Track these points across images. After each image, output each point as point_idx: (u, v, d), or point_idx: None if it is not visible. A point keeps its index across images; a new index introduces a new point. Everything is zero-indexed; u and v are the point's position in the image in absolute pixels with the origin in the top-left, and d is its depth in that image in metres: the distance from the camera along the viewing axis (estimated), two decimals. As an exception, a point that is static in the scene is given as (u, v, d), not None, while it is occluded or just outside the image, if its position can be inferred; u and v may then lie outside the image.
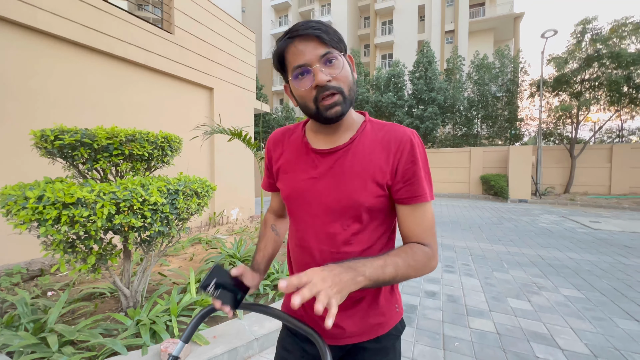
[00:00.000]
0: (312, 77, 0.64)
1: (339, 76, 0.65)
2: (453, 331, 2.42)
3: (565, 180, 12.28)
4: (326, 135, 0.75)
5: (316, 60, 0.64)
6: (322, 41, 0.64)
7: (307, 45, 0.64)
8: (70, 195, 1.61)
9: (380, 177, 0.69)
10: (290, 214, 0.81)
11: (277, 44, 0.68)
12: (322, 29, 0.64)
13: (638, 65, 10.47)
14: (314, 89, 0.65)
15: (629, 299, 3.02)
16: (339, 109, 0.66)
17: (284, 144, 0.83)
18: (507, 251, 4.76)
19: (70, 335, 1.84)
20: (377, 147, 0.71)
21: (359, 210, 0.70)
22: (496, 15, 22.98)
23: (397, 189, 0.70)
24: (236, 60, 6.70)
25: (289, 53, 0.66)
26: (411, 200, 0.70)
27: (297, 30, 0.64)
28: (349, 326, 0.76)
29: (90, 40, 3.92)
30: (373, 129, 0.74)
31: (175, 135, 2.56)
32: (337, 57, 0.65)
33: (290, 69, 0.66)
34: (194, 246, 4.35)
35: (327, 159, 0.73)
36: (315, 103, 0.66)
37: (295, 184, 0.76)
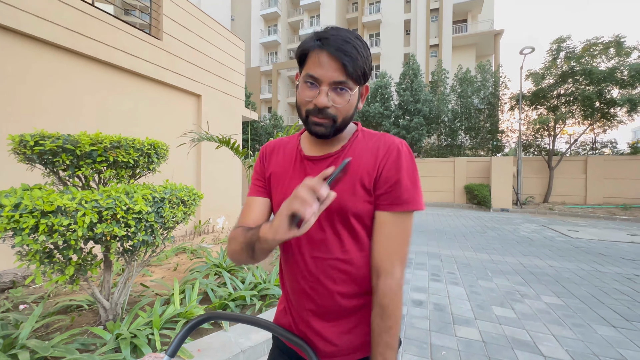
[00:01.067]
0: (317, 93, 0.65)
1: (339, 107, 0.66)
2: (440, 340, 2.43)
3: (544, 190, 12.75)
4: (319, 144, 0.76)
5: (328, 83, 0.64)
6: (344, 70, 0.64)
7: (330, 65, 0.63)
8: (49, 203, 1.55)
9: (367, 182, 0.69)
10: None
11: (308, 40, 0.67)
12: (352, 57, 0.63)
13: (608, 82, 11.12)
14: (312, 104, 0.66)
15: (605, 306, 3.13)
16: (322, 131, 0.68)
17: (279, 152, 0.84)
18: (490, 259, 4.87)
19: (43, 351, 1.74)
20: (367, 154, 0.72)
21: (348, 215, 0.69)
22: (478, 31, 24.01)
23: (379, 194, 0.69)
24: (225, 67, 6.69)
25: (311, 57, 0.66)
26: (392, 207, 0.68)
27: (329, 44, 0.63)
28: (345, 343, 0.74)
29: (75, 44, 3.84)
30: (364, 138, 0.76)
31: (162, 142, 2.52)
32: (348, 91, 0.66)
33: (305, 70, 0.67)
34: (178, 256, 4.23)
35: (319, 166, 0.74)
36: (307, 114, 0.68)
37: (287, 190, 0.75)
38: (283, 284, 0.84)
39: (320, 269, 0.72)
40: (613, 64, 11.35)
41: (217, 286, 2.89)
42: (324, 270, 0.72)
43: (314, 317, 0.75)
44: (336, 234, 0.71)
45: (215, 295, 2.73)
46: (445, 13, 23.01)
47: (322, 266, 0.72)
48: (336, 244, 0.71)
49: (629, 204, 11.19)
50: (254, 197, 0.82)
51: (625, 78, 10.95)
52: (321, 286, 0.72)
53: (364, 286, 0.74)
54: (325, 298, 0.73)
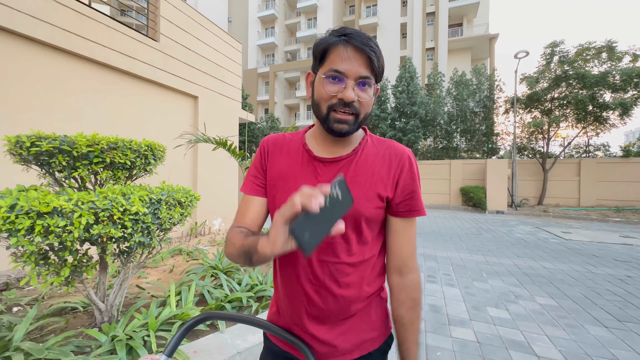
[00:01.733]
0: (342, 88, 0.65)
1: (363, 102, 0.67)
2: (435, 341, 2.45)
3: (539, 193, 12.89)
4: (329, 146, 0.75)
5: (354, 77, 0.64)
6: (370, 64, 0.65)
7: (356, 59, 0.64)
8: (45, 204, 1.55)
9: (381, 189, 0.71)
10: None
11: (328, 36, 0.67)
12: (376, 54, 0.65)
13: (601, 86, 11.31)
14: (337, 99, 0.65)
15: (598, 306, 3.17)
16: (346, 128, 0.68)
17: (283, 149, 0.80)
18: (486, 261, 4.91)
19: (38, 353, 1.72)
20: (379, 161, 0.73)
21: (360, 220, 0.70)
22: (473, 35, 24.27)
23: (397, 202, 0.73)
24: (222, 69, 6.70)
25: (335, 52, 0.65)
26: (410, 214, 0.73)
27: (355, 38, 0.64)
28: (341, 344, 0.75)
29: (71, 45, 3.83)
30: (374, 143, 0.77)
31: (159, 144, 2.52)
32: (372, 86, 0.67)
33: (328, 66, 0.66)
34: (174, 257, 4.21)
35: (330, 168, 0.73)
36: (328, 109, 0.67)
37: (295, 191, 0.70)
38: (277, 287, 0.82)
39: (326, 272, 0.72)
40: (605, 68, 11.55)
41: (214, 288, 2.88)
42: (330, 274, 0.72)
43: (312, 320, 0.74)
44: (345, 237, 0.71)
45: (211, 297, 2.73)
46: (441, 17, 23.25)
47: (329, 270, 0.72)
48: (344, 247, 0.72)
49: (622, 206, 11.35)
50: (251, 196, 0.79)
51: (617, 82, 11.14)
52: (326, 290, 0.72)
53: (367, 290, 0.75)
54: (329, 302, 0.73)
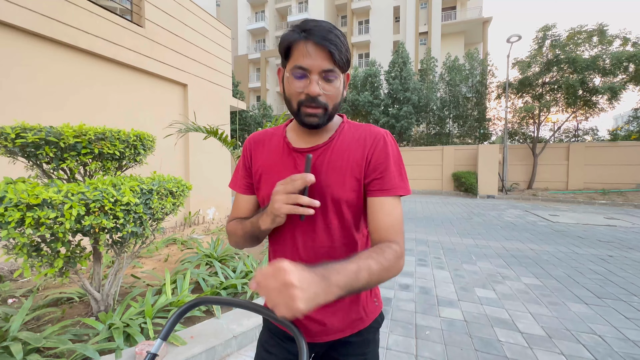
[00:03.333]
0: (307, 83, 0.67)
1: (330, 94, 0.69)
2: (425, 321, 2.55)
3: (529, 177, 13.13)
4: (307, 136, 0.78)
5: (317, 72, 0.66)
6: (332, 57, 0.66)
7: (317, 54, 0.65)
8: (35, 196, 1.54)
9: (357, 172, 0.73)
10: None
11: (290, 33, 0.68)
12: (337, 46, 0.66)
13: (591, 70, 11.38)
14: (304, 95, 0.67)
15: (580, 285, 3.32)
16: (316, 121, 0.70)
17: (265, 145, 0.83)
18: (475, 244, 5.05)
19: (36, 342, 1.76)
20: (354, 144, 0.75)
21: (340, 204, 0.73)
22: (466, 19, 23.96)
23: (369, 181, 0.73)
24: (211, 56, 6.55)
25: (297, 48, 0.67)
26: (381, 193, 0.71)
27: (314, 34, 0.65)
28: (332, 323, 0.78)
29: (52, 32, 3.69)
30: (350, 129, 0.78)
31: (148, 134, 2.49)
32: (337, 78, 0.68)
33: (292, 64, 0.67)
34: (169, 247, 4.23)
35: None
36: (298, 105, 0.69)
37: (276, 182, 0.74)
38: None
39: (311, 256, 0.75)
40: (596, 52, 11.60)
41: (209, 276, 2.93)
42: (316, 258, 0.75)
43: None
44: (327, 222, 0.74)
45: (206, 285, 2.78)
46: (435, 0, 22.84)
47: (315, 255, 0.75)
48: (327, 232, 0.74)
49: (608, 189, 11.65)
50: (241, 195, 0.87)
51: (607, 66, 11.22)
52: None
53: None
54: None
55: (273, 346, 0.84)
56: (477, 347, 2.17)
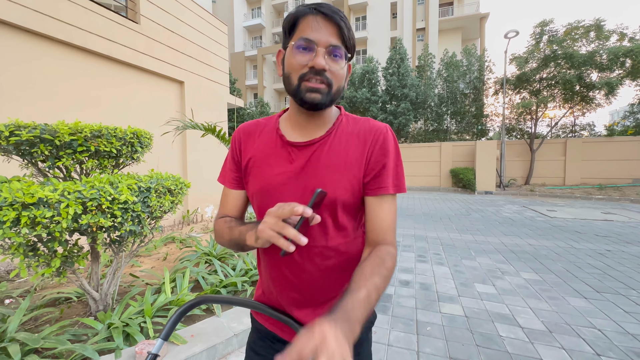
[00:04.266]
0: (313, 56, 0.63)
1: (335, 73, 0.65)
2: (425, 317, 2.55)
3: (526, 173, 13.18)
4: (302, 128, 0.73)
5: (325, 45, 0.63)
6: (340, 34, 0.63)
7: (326, 27, 0.63)
8: (30, 195, 1.51)
9: (356, 171, 0.69)
10: (261, 210, 0.75)
11: (297, 8, 0.66)
12: (346, 24, 0.64)
13: (588, 66, 11.40)
14: (308, 68, 0.63)
15: (579, 279, 3.33)
16: (318, 97, 0.64)
17: (256, 137, 0.78)
18: (474, 240, 5.06)
19: (34, 343, 1.73)
20: (353, 141, 0.71)
21: (335, 205, 0.69)
22: (464, 14, 23.92)
23: (367, 181, 0.70)
24: (208, 53, 6.49)
25: (304, 22, 0.64)
26: (377, 191, 0.70)
27: (324, 7, 0.63)
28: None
29: (46, 28, 3.63)
30: (348, 122, 0.74)
31: (145, 131, 2.46)
32: (343, 57, 0.65)
33: (298, 36, 0.64)
34: (167, 245, 4.21)
35: (304, 152, 0.71)
36: (300, 80, 0.64)
37: (268, 179, 0.72)
38: (261, 272, 0.83)
39: (305, 257, 0.72)
40: (593, 47, 11.61)
41: (208, 274, 2.91)
42: (310, 259, 0.72)
43: (294, 304, 0.75)
44: (322, 223, 0.70)
45: (206, 283, 2.76)
46: (432, -5, 22.74)
47: (308, 255, 0.71)
48: (321, 233, 0.71)
49: (604, 184, 11.72)
50: (230, 190, 0.82)
51: (604, 62, 11.23)
52: (306, 274, 0.72)
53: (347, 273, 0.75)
54: (310, 286, 0.73)
55: (262, 347, 0.82)
56: (478, 343, 2.17)
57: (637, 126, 13.21)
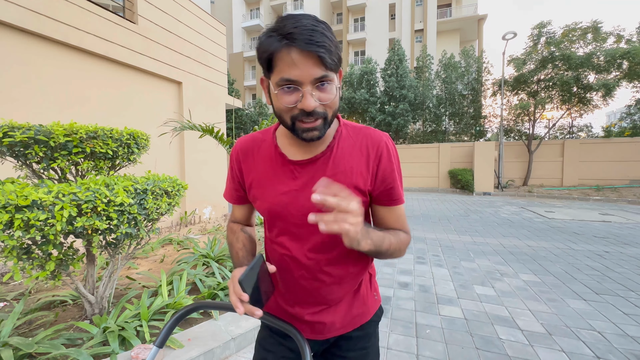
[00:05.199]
0: (300, 96, 0.58)
1: (327, 103, 0.61)
2: (425, 319, 2.54)
3: (524, 174, 13.21)
4: (302, 146, 0.71)
5: (309, 82, 0.57)
6: (322, 62, 0.57)
7: (305, 62, 0.56)
8: (24, 197, 1.49)
9: (361, 184, 0.70)
10: (271, 225, 0.78)
11: (268, 40, 0.58)
12: (325, 47, 0.56)
13: (586, 67, 11.45)
14: (298, 109, 0.60)
15: (577, 281, 3.33)
16: (317, 134, 0.63)
17: (255, 155, 0.77)
18: (473, 241, 5.05)
19: (27, 348, 1.70)
20: (356, 153, 0.71)
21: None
22: (462, 16, 24.00)
23: (377, 193, 0.73)
24: (206, 53, 6.46)
25: (280, 58, 0.57)
26: (390, 203, 0.74)
27: (297, 39, 0.55)
28: (334, 320, 0.78)
29: (42, 28, 3.60)
30: (349, 133, 0.74)
31: (142, 132, 2.43)
32: (331, 82, 0.60)
33: (278, 76, 0.58)
34: (165, 247, 4.17)
35: (307, 169, 0.71)
36: (292, 120, 0.61)
37: (274, 198, 0.73)
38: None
39: (317, 267, 0.73)
40: (590, 49, 11.66)
41: (206, 276, 2.88)
42: (321, 268, 0.73)
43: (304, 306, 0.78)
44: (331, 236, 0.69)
45: (204, 285, 2.73)
46: (430, -3, 22.81)
47: (317, 265, 0.73)
48: (330, 244, 0.72)
49: (602, 185, 11.77)
50: (236, 205, 0.88)
51: (601, 63, 11.30)
52: (317, 282, 0.74)
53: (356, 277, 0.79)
54: (320, 292, 0.76)
55: (272, 344, 0.83)
56: (478, 346, 2.16)
57: (634, 127, 13.29)
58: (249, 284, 0.60)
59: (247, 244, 0.83)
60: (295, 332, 0.71)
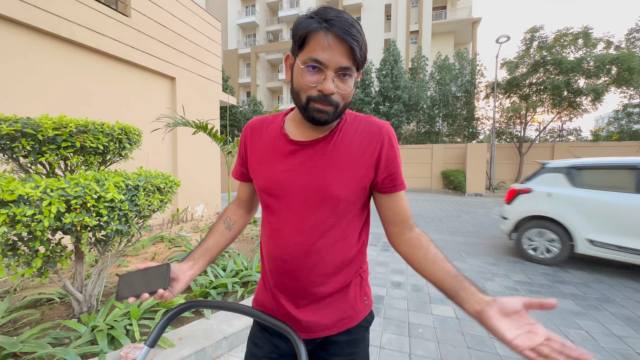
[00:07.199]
0: (322, 79, 0.62)
1: (344, 94, 0.65)
2: (417, 318, 2.55)
3: (515, 176, 13.41)
4: (307, 129, 0.74)
5: (334, 68, 0.61)
6: (352, 54, 0.61)
7: (337, 48, 0.60)
8: (10, 192, 1.44)
9: (361, 171, 0.71)
10: (265, 206, 0.79)
11: (308, 20, 0.62)
12: (359, 42, 0.61)
13: (576, 72, 11.68)
14: (316, 90, 0.63)
15: (566, 281, 3.39)
16: (325, 117, 0.66)
17: (262, 133, 0.80)
18: (465, 241, 5.11)
19: (12, 347, 1.65)
20: (357, 140, 0.72)
21: (337, 202, 0.70)
22: (456, 18, 24.22)
23: (380, 180, 0.73)
24: (200, 49, 6.38)
25: (315, 39, 0.61)
26: (394, 190, 0.74)
27: (336, 25, 0.59)
28: (320, 319, 0.77)
29: (31, 18, 3.50)
30: (352, 121, 0.75)
31: (134, 127, 2.39)
32: (352, 76, 0.65)
33: (307, 54, 0.62)
34: (156, 245, 4.11)
35: (307, 151, 0.72)
36: (307, 100, 0.65)
37: (271, 175, 0.74)
38: (263, 263, 0.85)
39: (301, 254, 0.72)
40: (581, 54, 11.90)
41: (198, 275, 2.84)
42: (307, 255, 0.72)
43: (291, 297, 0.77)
44: (323, 220, 0.71)
45: (195, 284, 2.70)
46: (426, -1, 22.96)
47: (303, 252, 0.72)
48: (321, 230, 0.72)
49: (590, 188, 12.01)
50: (239, 181, 0.92)
51: (591, 68, 11.54)
52: (304, 269, 0.73)
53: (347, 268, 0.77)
54: (309, 279, 0.74)
55: (261, 339, 0.83)
56: (470, 345, 2.18)
57: (621, 132, 13.61)
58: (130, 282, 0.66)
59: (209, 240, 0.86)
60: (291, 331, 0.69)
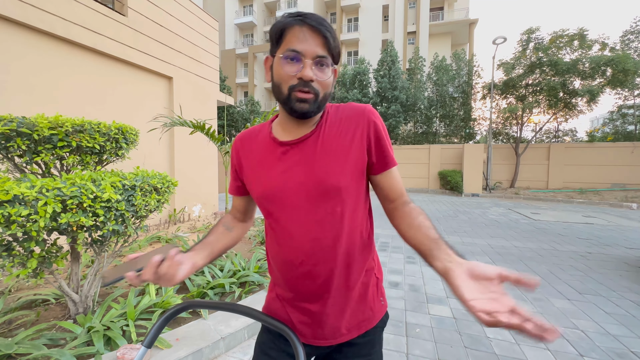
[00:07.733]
0: (301, 67, 0.65)
1: (322, 82, 0.68)
2: (415, 318, 2.56)
3: (511, 176, 13.50)
4: (293, 128, 0.75)
5: (311, 56, 0.65)
6: (326, 44, 0.66)
7: (313, 38, 0.65)
8: (5, 192, 1.43)
9: (354, 156, 0.72)
10: (268, 214, 0.78)
11: (283, 19, 0.68)
12: (331, 34, 0.67)
13: (572, 73, 11.77)
14: (297, 79, 0.66)
15: (562, 281, 3.41)
16: (307, 107, 0.67)
17: (252, 143, 0.81)
18: (462, 242, 5.13)
19: (6, 348, 1.64)
20: (344, 128, 0.74)
21: (338, 191, 0.71)
22: (454, 19, 24.34)
23: (375, 160, 0.74)
24: (198, 49, 6.36)
25: (291, 32, 0.66)
26: (386, 167, 0.75)
27: (310, 19, 0.65)
28: (339, 325, 0.76)
29: (26, 17, 3.47)
30: (334, 112, 0.77)
31: (131, 127, 2.37)
32: (329, 66, 0.68)
33: (285, 47, 0.66)
34: (153, 245, 4.09)
35: (297, 149, 0.73)
36: (289, 90, 0.67)
37: (268, 182, 0.75)
38: (272, 271, 0.83)
39: (318, 251, 0.72)
40: (576, 56, 11.99)
41: (195, 275, 2.84)
42: (322, 250, 0.72)
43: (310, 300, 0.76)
44: (330, 212, 0.71)
45: (193, 284, 2.69)
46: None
47: (320, 247, 0.71)
48: (331, 221, 0.71)
49: (585, 188, 12.12)
50: (235, 196, 0.91)
51: (587, 70, 11.62)
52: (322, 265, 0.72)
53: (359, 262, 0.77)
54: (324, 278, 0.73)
55: (272, 349, 0.81)
56: (467, 344, 2.19)
57: (616, 133, 13.74)
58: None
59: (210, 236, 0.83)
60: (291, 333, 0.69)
